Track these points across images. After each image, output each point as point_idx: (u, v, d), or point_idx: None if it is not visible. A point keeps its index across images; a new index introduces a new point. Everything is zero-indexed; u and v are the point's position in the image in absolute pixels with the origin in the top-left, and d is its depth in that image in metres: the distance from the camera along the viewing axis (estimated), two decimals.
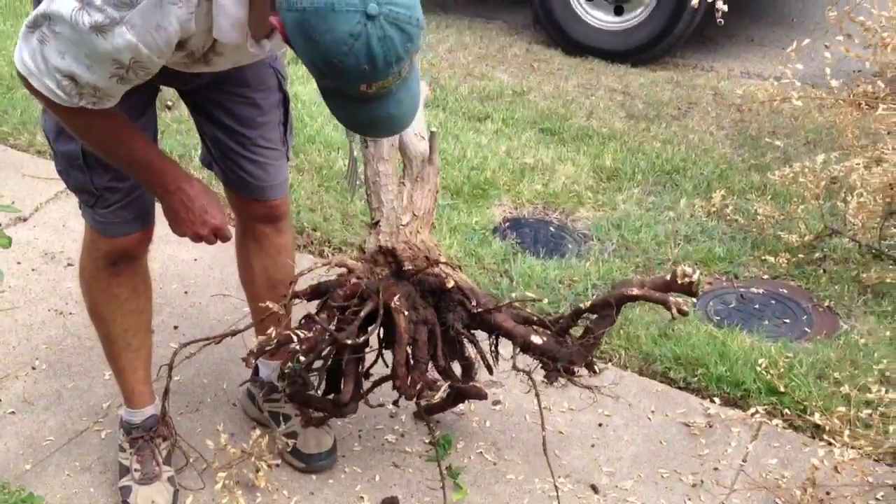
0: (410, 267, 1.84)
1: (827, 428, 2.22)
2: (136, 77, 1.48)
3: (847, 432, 2.16)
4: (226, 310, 2.72)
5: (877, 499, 2.06)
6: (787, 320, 2.76)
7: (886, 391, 2.21)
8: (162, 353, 2.50)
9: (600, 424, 2.31)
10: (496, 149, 3.76)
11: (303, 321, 1.83)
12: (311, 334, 1.76)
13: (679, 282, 1.79)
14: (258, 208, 2.07)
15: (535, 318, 1.94)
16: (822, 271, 2.97)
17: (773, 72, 4.71)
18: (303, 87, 4.27)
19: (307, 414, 2.17)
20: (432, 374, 1.90)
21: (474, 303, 1.87)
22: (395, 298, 1.81)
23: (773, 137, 3.87)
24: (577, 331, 1.95)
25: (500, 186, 3.48)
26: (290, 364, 1.80)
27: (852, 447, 2.12)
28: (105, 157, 1.70)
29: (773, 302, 2.85)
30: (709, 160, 3.73)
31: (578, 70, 4.82)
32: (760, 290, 2.91)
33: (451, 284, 1.83)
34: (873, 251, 2.99)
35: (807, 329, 2.72)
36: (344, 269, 1.88)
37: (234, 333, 1.92)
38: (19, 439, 2.21)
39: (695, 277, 1.78)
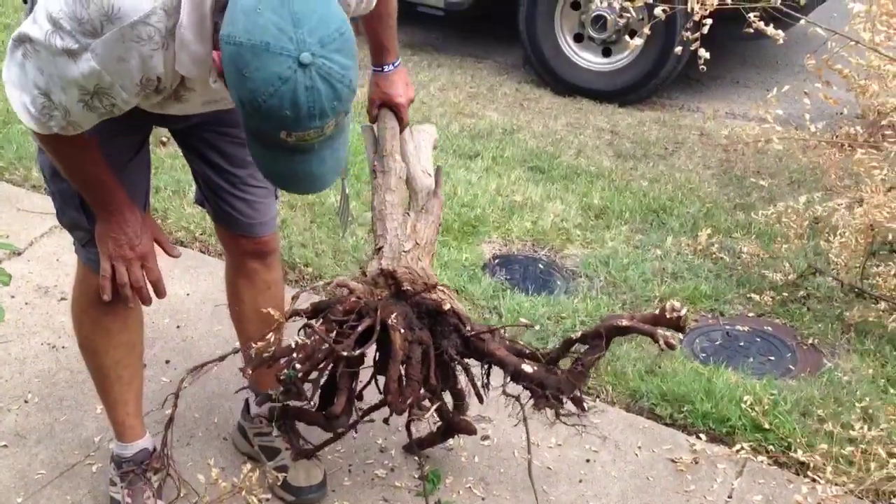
0: (409, 288, 1.88)
1: (811, 465, 2.26)
2: (102, 107, 1.49)
3: (830, 469, 2.19)
4: (217, 344, 2.74)
5: None
6: (772, 357, 2.81)
7: (869, 428, 2.25)
8: (154, 387, 2.53)
9: (588, 460, 2.34)
10: (486, 186, 3.82)
11: (301, 330, 1.86)
12: (308, 342, 1.80)
13: (668, 316, 1.83)
14: (247, 244, 2.11)
15: (526, 351, 1.98)
16: (805, 309, 3.02)
17: (757, 113, 4.79)
18: None
19: (297, 446, 2.19)
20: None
21: (468, 327, 1.91)
22: (393, 316, 1.85)
23: (758, 177, 3.95)
24: (566, 363, 1.99)
25: (490, 223, 3.53)
26: (285, 371, 1.82)
27: (836, 484, 2.15)
28: (61, 170, 1.73)
29: (758, 339, 2.90)
30: (695, 199, 3.79)
31: (567, 109, 4.90)
32: (746, 328, 2.95)
33: (447, 307, 1.87)
34: (856, 290, 3.04)
35: (791, 366, 2.76)
36: (345, 290, 1.90)
37: (237, 351, 2.00)
38: (11, 472, 2.22)
39: (683, 312, 1.82)
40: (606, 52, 5.02)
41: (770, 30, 2.69)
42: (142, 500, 2.03)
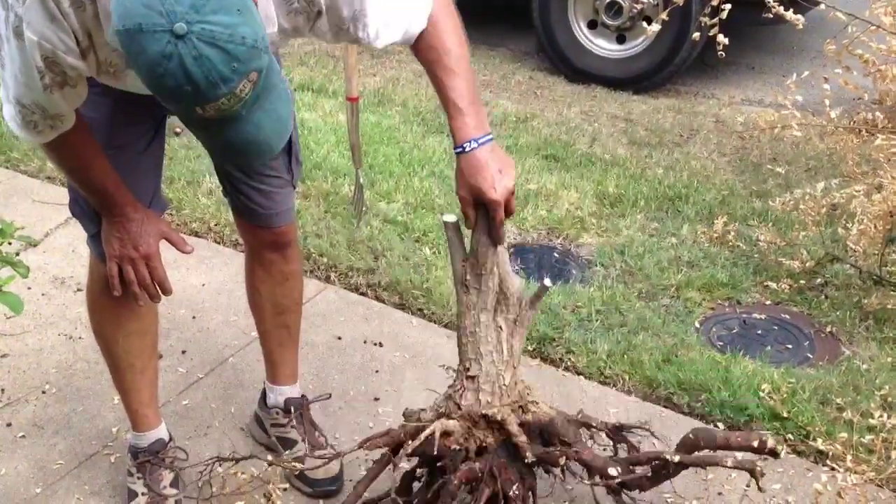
0: (530, 457, 1.83)
1: (830, 453, 2.24)
2: (61, 79, 1.45)
3: (850, 458, 2.17)
4: (234, 335, 2.75)
5: None
6: (790, 346, 2.79)
7: (889, 416, 2.23)
8: (170, 377, 2.54)
9: (605, 449, 2.33)
10: None
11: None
12: None
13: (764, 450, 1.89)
14: (265, 235, 2.10)
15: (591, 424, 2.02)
16: (823, 297, 3.00)
17: (773, 99, 4.75)
18: (309, 114, 4.33)
19: (314, 439, 2.20)
20: None
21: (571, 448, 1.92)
22: (515, 487, 1.83)
23: (774, 164, 3.92)
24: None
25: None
26: None
27: (855, 472, 2.13)
28: (65, 173, 1.75)
29: (776, 327, 2.88)
30: (711, 186, 3.76)
31: (581, 97, 4.88)
32: (763, 316, 2.93)
33: (529, 459, 1.84)
34: (874, 277, 3.02)
35: (809, 355, 2.74)
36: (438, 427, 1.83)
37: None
38: (29, 462, 2.23)
39: (772, 444, 1.89)
40: (621, 39, 4.98)
41: (790, 14, 2.66)
42: (158, 489, 2.04)
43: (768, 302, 3.01)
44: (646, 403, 2.51)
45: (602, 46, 5.02)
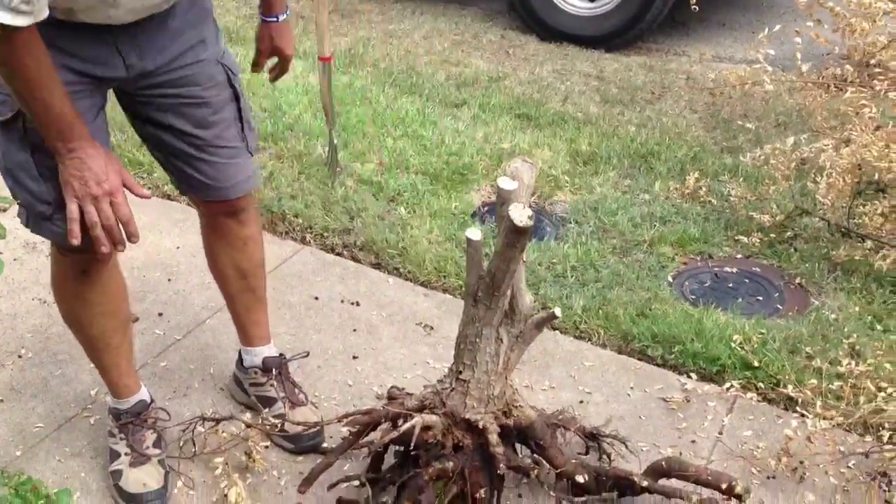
0: (503, 469, 1.84)
1: (800, 400, 2.30)
2: None
3: (819, 404, 2.23)
4: (210, 297, 2.74)
5: (848, 467, 2.14)
6: (760, 298, 2.84)
7: (856, 364, 2.29)
8: (147, 339, 2.54)
9: (581, 401, 2.37)
10: (473, 134, 3.80)
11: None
12: None
13: (731, 493, 1.92)
14: (220, 206, 2.05)
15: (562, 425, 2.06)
16: (793, 250, 3.05)
17: (744, 55, 4.79)
18: None
19: (294, 396, 2.22)
20: None
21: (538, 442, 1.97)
22: (482, 491, 1.86)
23: (744, 120, 3.95)
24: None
25: (479, 171, 3.52)
26: None
27: (824, 418, 2.19)
28: (20, 97, 1.59)
29: (747, 280, 2.93)
30: (682, 143, 3.79)
31: (553, 56, 4.87)
32: (734, 269, 2.98)
33: (502, 471, 1.86)
34: (842, 230, 3.07)
35: (779, 306, 2.79)
36: (419, 419, 1.83)
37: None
38: (8, 426, 2.23)
39: (740, 490, 1.91)
40: None
41: None
42: (141, 450, 2.05)
43: (739, 255, 3.06)
44: (621, 356, 2.55)
45: (573, 4, 5.00)
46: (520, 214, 1.61)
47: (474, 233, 1.72)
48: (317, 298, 2.76)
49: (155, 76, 1.81)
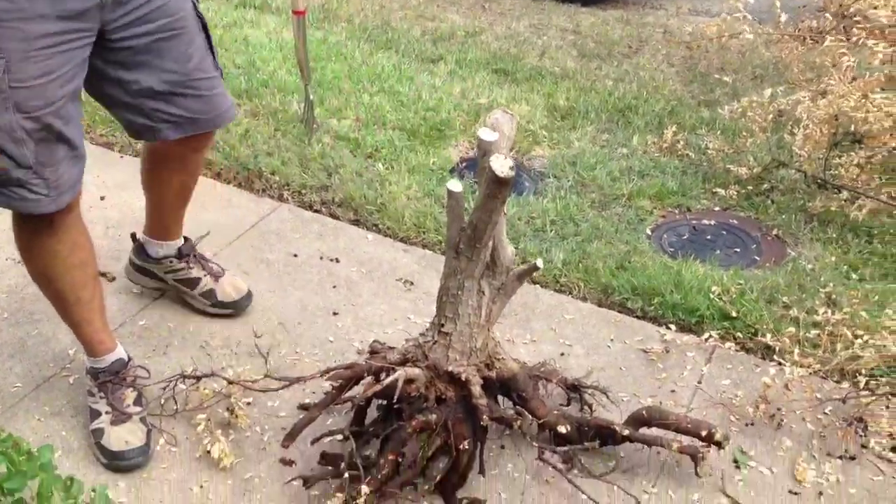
0: (486, 420, 1.85)
1: (777, 349, 2.32)
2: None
3: (797, 352, 2.26)
4: None
5: (825, 413, 2.18)
6: (738, 249, 2.86)
7: (833, 313, 2.32)
8: (124, 299, 2.51)
9: (562, 354, 2.38)
10: (450, 90, 3.77)
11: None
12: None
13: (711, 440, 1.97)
14: (198, 140, 2.09)
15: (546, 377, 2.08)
16: (770, 202, 3.07)
17: (720, 9, 4.76)
18: (253, 31, 4.21)
19: (213, 268, 2.45)
20: None
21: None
22: (466, 443, 1.86)
23: (721, 73, 3.95)
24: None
25: (456, 127, 3.50)
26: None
27: (801, 366, 2.22)
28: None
29: (724, 232, 2.95)
30: (660, 97, 3.78)
31: (529, 10, 4.82)
32: (712, 222, 2.99)
33: (485, 422, 1.86)
34: (818, 181, 3.09)
35: (756, 257, 2.81)
36: (402, 372, 1.84)
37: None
38: None
39: (719, 437, 1.96)
40: None
41: None
42: (122, 408, 2.03)
43: (717, 208, 3.07)
44: (601, 309, 2.56)
45: None
46: (501, 165, 1.59)
47: (455, 185, 1.71)
48: (296, 255, 2.74)
49: (128, 6, 1.78)
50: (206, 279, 2.42)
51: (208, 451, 1.98)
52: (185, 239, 2.43)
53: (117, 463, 1.97)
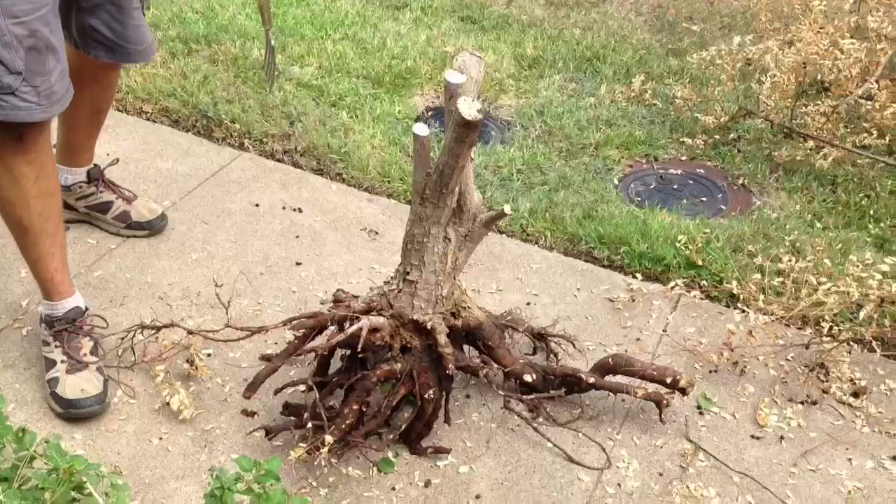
0: (452, 369, 1.82)
1: (741, 296, 2.33)
2: None
3: (761, 299, 2.26)
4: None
5: (787, 359, 2.19)
6: (704, 199, 2.85)
7: (797, 261, 2.32)
8: (80, 248, 2.45)
9: (529, 303, 2.37)
10: (416, 38, 3.69)
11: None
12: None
13: (676, 386, 1.97)
14: (118, 65, 2.22)
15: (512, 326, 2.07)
16: (736, 151, 3.06)
17: None
18: None
19: (125, 192, 2.50)
20: None
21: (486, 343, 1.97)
22: (431, 392, 1.84)
23: (689, 22, 3.91)
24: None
25: (422, 75, 3.43)
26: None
27: (765, 313, 2.22)
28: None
29: (691, 182, 2.93)
30: (628, 46, 3.74)
31: None
32: (678, 171, 2.98)
33: (451, 371, 1.83)
34: (784, 130, 3.08)
35: (722, 206, 2.81)
36: (366, 321, 1.81)
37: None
38: None
39: (684, 383, 1.97)
40: None
41: None
42: (79, 357, 1.98)
43: (684, 157, 3.06)
44: (567, 258, 2.54)
45: None
46: (468, 108, 1.55)
47: (422, 128, 1.66)
48: (257, 205, 2.68)
49: None
50: (118, 202, 2.47)
51: (167, 403, 1.95)
52: (95, 166, 2.47)
53: (72, 411, 1.92)
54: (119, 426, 1.94)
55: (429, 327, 1.84)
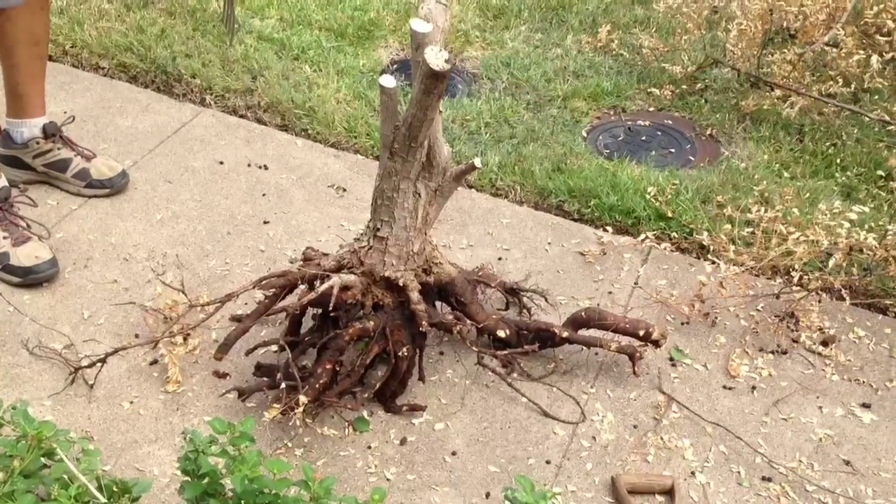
0: (425, 326, 1.80)
1: (711, 248, 2.34)
2: None
3: (731, 249, 2.27)
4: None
5: (757, 309, 2.21)
6: (673, 150, 2.84)
7: (766, 210, 2.33)
8: (40, 210, 2.38)
9: (500, 258, 2.35)
10: None
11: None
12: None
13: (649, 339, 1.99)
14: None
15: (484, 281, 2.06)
16: (704, 101, 3.05)
17: None
18: None
19: (84, 149, 2.43)
20: None
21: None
22: (405, 349, 1.82)
23: None
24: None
25: (386, 27, 3.36)
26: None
27: (735, 264, 2.24)
28: None
29: (659, 133, 2.92)
30: None
31: None
32: (647, 123, 2.97)
33: (424, 328, 1.81)
34: (751, 79, 3.08)
35: (691, 157, 2.81)
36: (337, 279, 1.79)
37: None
38: None
39: (656, 336, 1.99)
40: None
41: None
42: (19, 230, 2.06)
43: (652, 108, 3.04)
44: (537, 212, 2.53)
45: None
46: (436, 58, 1.51)
47: (388, 80, 1.63)
48: (222, 163, 2.62)
49: None
50: (77, 159, 2.41)
51: (167, 378, 1.92)
52: (51, 122, 2.41)
53: (32, 277, 2.01)
54: (88, 391, 1.90)
55: (401, 284, 1.82)
